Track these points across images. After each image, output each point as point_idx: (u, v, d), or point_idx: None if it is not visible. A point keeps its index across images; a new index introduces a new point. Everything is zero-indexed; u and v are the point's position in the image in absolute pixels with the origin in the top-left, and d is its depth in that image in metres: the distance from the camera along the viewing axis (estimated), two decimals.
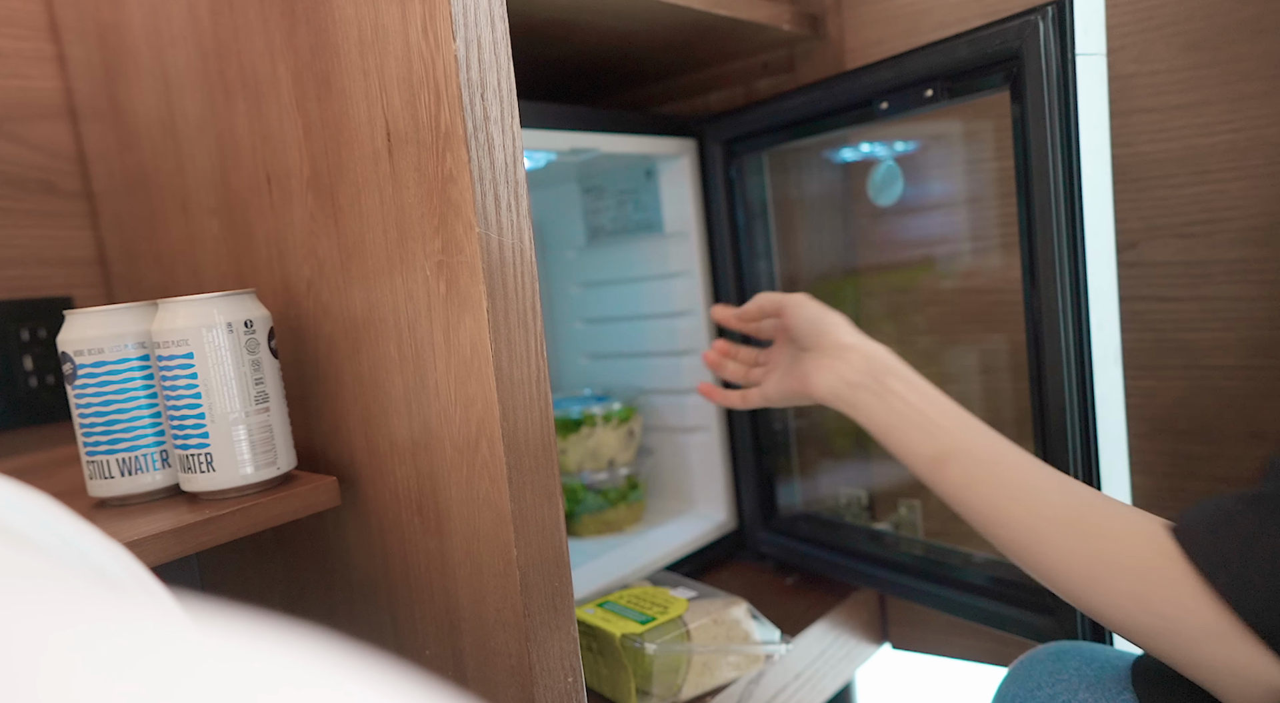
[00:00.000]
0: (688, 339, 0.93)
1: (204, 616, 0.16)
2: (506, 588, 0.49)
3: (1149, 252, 0.71)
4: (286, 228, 0.59)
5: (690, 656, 0.67)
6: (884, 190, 0.84)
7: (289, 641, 0.14)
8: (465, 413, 0.49)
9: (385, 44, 0.48)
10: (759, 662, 0.71)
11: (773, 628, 0.72)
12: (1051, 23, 0.60)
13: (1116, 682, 0.50)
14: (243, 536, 0.51)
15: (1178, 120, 0.68)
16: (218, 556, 0.75)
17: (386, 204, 0.51)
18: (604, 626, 0.67)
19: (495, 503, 0.48)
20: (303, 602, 0.67)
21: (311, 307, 0.58)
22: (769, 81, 0.94)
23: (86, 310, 0.54)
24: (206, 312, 0.51)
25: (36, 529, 0.22)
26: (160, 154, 0.70)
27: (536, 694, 0.49)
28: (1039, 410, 0.64)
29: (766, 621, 0.73)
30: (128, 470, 0.54)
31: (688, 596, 0.72)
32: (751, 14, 0.79)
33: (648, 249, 0.95)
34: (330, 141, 0.54)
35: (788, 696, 0.76)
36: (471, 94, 0.46)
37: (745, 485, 0.92)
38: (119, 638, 0.13)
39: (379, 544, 0.58)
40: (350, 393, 0.57)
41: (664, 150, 0.86)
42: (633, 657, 0.65)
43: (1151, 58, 0.68)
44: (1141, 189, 0.70)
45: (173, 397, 0.52)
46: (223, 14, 0.60)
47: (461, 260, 0.47)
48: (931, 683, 1.16)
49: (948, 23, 0.79)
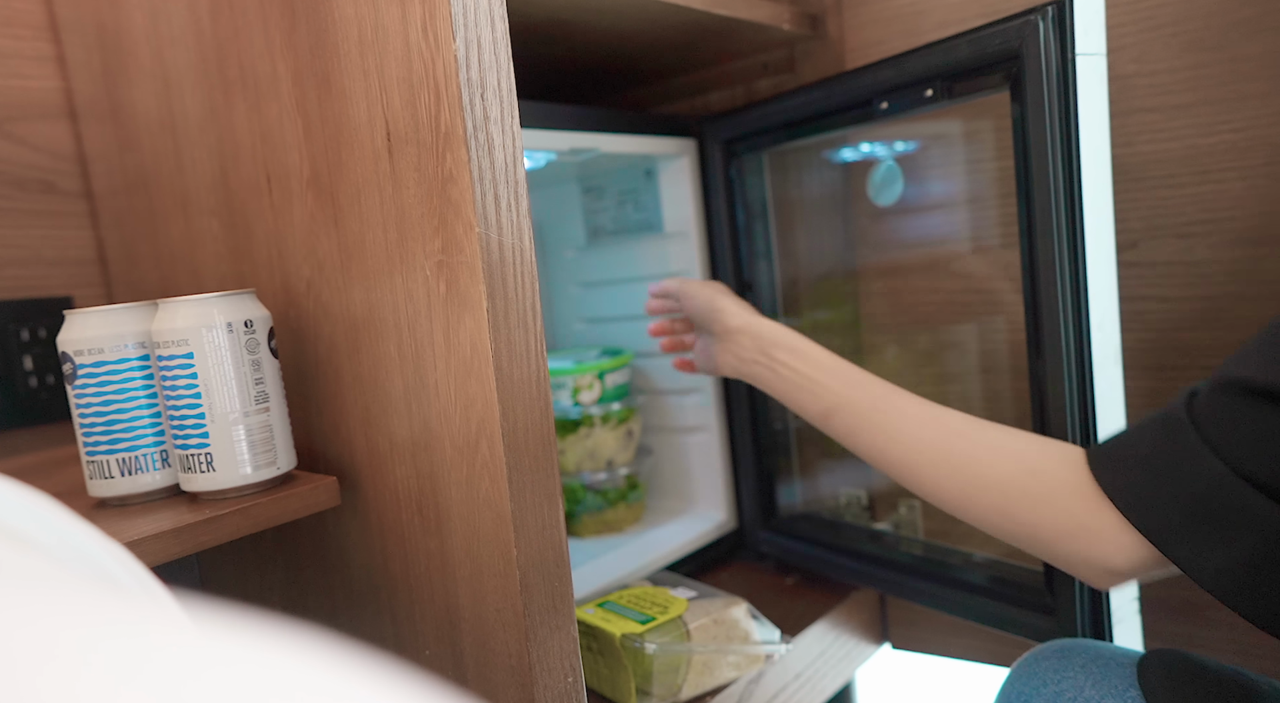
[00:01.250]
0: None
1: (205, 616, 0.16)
2: (506, 588, 0.49)
3: (1149, 252, 0.71)
4: (286, 228, 0.59)
5: (690, 656, 0.67)
6: (884, 190, 0.84)
7: (290, 641, 0.14)
8: (465, 413, 0.49)
9: (385, 44, 0.48)
10: (759, 662, 0.71)
11: (773, 628, 0.72)
12: (1051, 23, 0.60)
13: (1122, 679, 0.50)
14: (243, 535, 0.51)
15: (1178, 120, 0.68)
16: (218, 556, 0.75)
17: (386, 204, 0.51)
18: (604, 626, 0.67)
19: (495, 503, 0.48)
20: (303, 602, 0.67)
21: (311, 307, 0.58)
22: (769, 81, 0.94)
23: (86, 310, 0.54)
24: (206, 312, 0.51)
25: (36, 529, 0.22)
26: (160, 154, 0.70)
27: (536, 694, 0.49)
28: (1039, 411, 0.64)
29: (766, 620, 0.73)
30: (128, 470, 0.54)
31: (688, 596, 0.72)
32: (751, 14, 0.79)
33: (648, 249, 0.95)
34: (330, 141, 0.54)
35: (788, 696, 0.76)
36: (471, 94, 0.46)
37: (745, 485, 0.92)
38: (122, 641, 0.13)
39: (379, 544, 0.58)
40: (350, 393, 0.57)
41: (664, 150, 0.86)
42: (633, 657, 0.65)
43: (1151, 58, 0.68)
44: (1141, 189, 0.70)
45: (173, 397, 0.52)
46: (223, 14, 0.60)
47: (461, 260, 0.47)
48: (931, 683, 1.16)
49: (948, 22, 0.79)
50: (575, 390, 0.92)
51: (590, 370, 0.92)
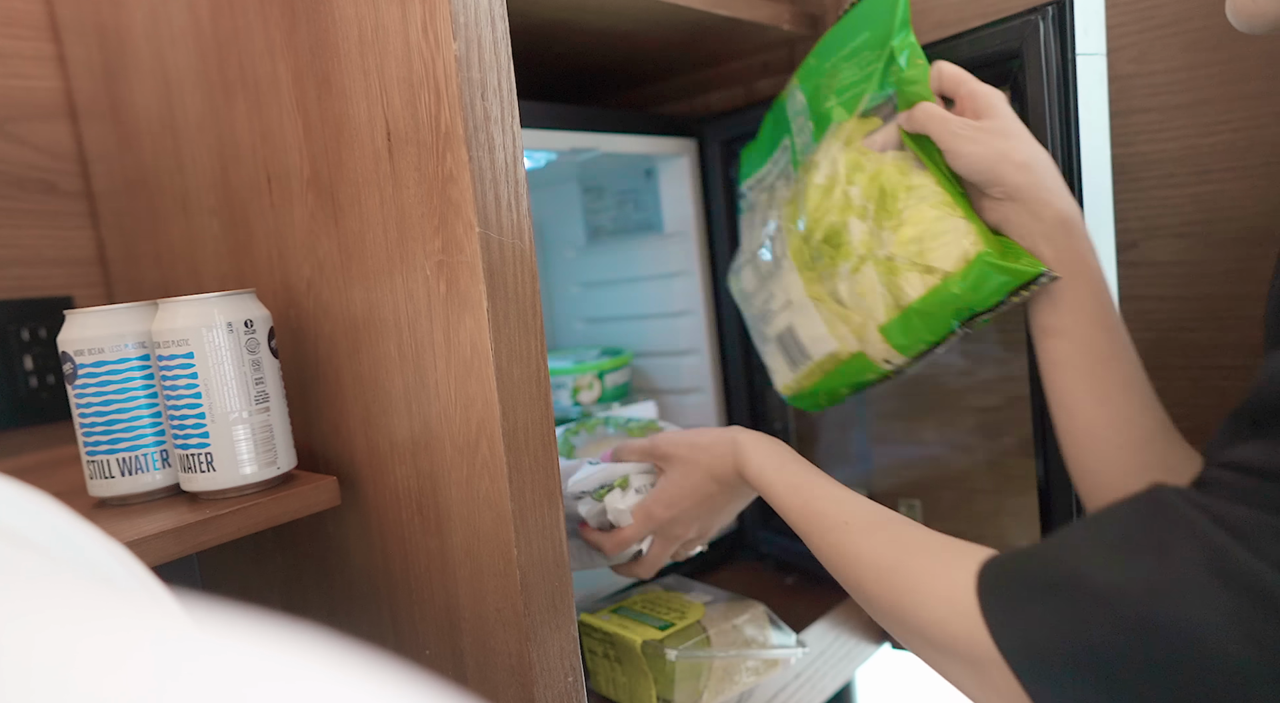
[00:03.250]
0: (687, 339, 0.93)
1: (204, 615, 0.16)
2: (506, 587, 0.49)
3: (1149, 251, 0.71)
4: (286, 228, 0.59)
5: (712, 662, 0.66)
6: None
7: (290, 640, 0.14)
8: (465, 413, 0.49)
9: (385, 44, 0.48)
10: (776, 666, 0.70)
11: (789, 631, 0.71)
12: (1051, 23, 0.60)
13: None
14: (243, 535, 0.51)
15: (1178, 120, 0.68)
16: (218, 555, 0.75)
17: (387, 204, 0.51)
18: (622, 633, 0.66)
19: (495, 503, 0.48)
20: (303, 601, 0.67)
21: (311, 307, 0.58)
22: (769, 81, 0.94)
23: (86, 310, 0.54)
24: (206, 312, 0.51)
25: (36, 529, 0.22)
26: (160, 154, 0.70)
27: (536, 694, 0.49)
28: (1039, 412, 0.64)
29: (783, 624, 0.72)
30: (128, 470, 0.54)
31: (703, 599, 0.71)
32: (751, 14, 0.79)
33: (647, 249, 0.95)
34: (330, 141, 0.54)
35: (788, 695, 0.76)
36: (471, 94, 0.46)
37: None
38: (115, 634, 0.13)
39: (379, 544, 0.58)
40: (350, 393, 0.57)
41: (664, 150, 0.86)
42: (654, 664, 0.64)
43: (1151, 58, 0.68)
44: (1141, 189, 0.70)
45: (173, 397, 0.52)
46: (223, 14, 0.60)
47: (461, 260, 0.47)
48: (931, 683, 1.16)
49: (948, 22, 0.79)
50: (575, 390, 0.92)
51: (590, 370, 0.92)
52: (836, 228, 0.62)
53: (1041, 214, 0.56)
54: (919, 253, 0.58)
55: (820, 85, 0.68)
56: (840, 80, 0.66)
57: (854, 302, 0.62)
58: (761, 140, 0.78)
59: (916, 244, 0.58)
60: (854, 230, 0.61)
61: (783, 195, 0.71)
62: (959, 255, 0.56)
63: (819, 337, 0.65)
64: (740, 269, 0.76)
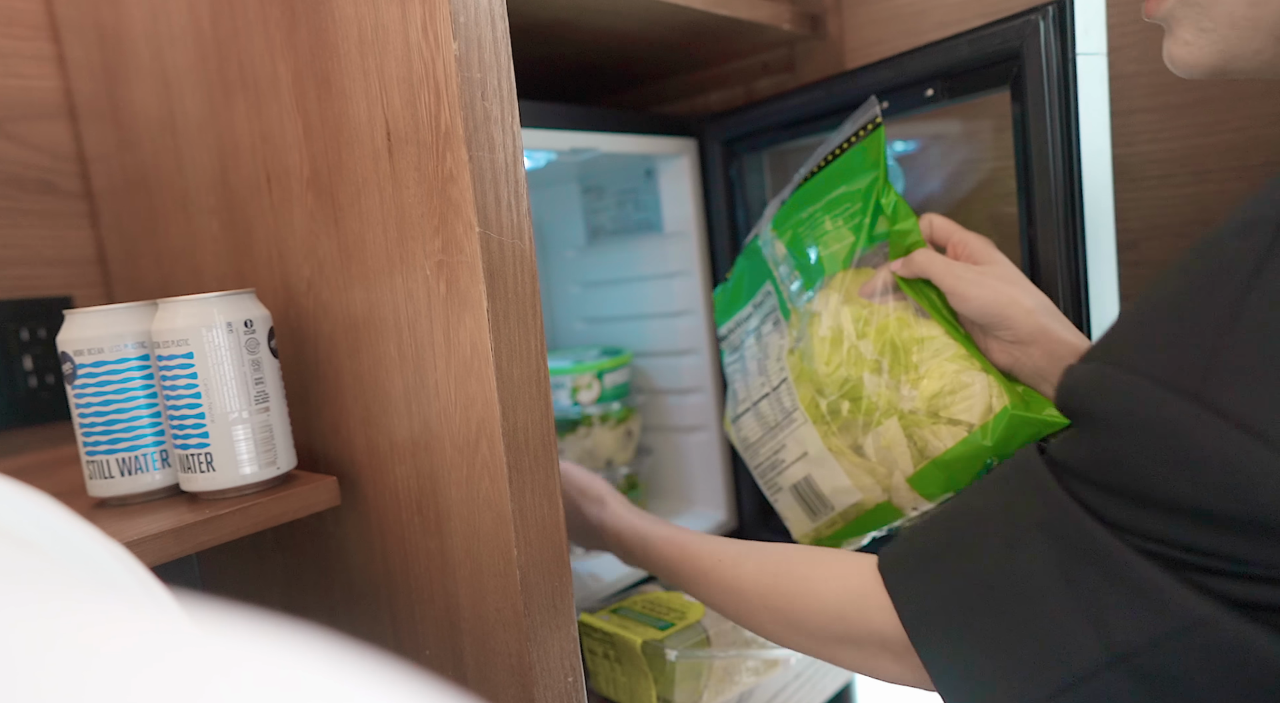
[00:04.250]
0: (687, 339, 0.93)
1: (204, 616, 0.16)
2: (506, 588, 0.49)
3: (1149, 251, 0.71)
4: (286, 228, 0.59)
5: (712, 662, 0.66)
6: None
7: (290, 641, 0.14)
8: (465, 413, 0.49)
9: (385, 44, 0.48)
10: (776, 666, 0.70)
11: None
12: (1052, 22, 0.60)
13: None
14: (243, 535, 0.51)
15: (1178, 120, 0.68)
16: (218, 555, 0.75)
17: (386, 204, 0.51)
18: (622, 633, 0.66)
19: (495, 503, 0.48)
20: (303, 602, 0.67)
21: (311, 306, 0.58)
22: (769, 81, 0.94)
23: (86, 310, 0.54)
24: (206, 311, 0.51)
25: (36, 529, 0.22)
26: (160, 154, 0.70)
27: (536, 694, 0.49)
28: None
29: None
30: (128, 470, 0.54)
31: None
32: (751, 14, 0.79)
33: (647, 249, 0.95)
34: (330, 141, 0.54)
35: (788, 696, 0.76)
36: (471, 94, 0.46)
37: (745, 485, 0.92)
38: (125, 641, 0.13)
39: (379, 544, 0.58)
40: (350, 393, 0.57)
41: (664, 150, 0.86)
42: (654, 664, 0.64)
43: (1152, 58, 0.68)
44: (1141, 189, 0.70)
45: (173, 397, 0.52)
46: (223, 14, 0.60)
47: (461, 260, 0.47)
48: None
49: (948, 22, 0.79)
50: (574, 390, 0.92)
51: (589, 370, 0.92)
52: (854, 383, 0.63)
53: (1058, 353, 0.56)
54: (944, 406, 0.59)
55: (800, 235, 0.70)
56: (822, 230, 0.68)
57: (878, 454, 0.63)
58: (737, 282, 0.79)
59: (940, 399, 0.59)
60: (869, 385, 0.62)
61: (778, 343, 0.71)
62: (984, 409, 0.58)
63: (842, 488, 0.66)
64: (740, 418, 0.76)
